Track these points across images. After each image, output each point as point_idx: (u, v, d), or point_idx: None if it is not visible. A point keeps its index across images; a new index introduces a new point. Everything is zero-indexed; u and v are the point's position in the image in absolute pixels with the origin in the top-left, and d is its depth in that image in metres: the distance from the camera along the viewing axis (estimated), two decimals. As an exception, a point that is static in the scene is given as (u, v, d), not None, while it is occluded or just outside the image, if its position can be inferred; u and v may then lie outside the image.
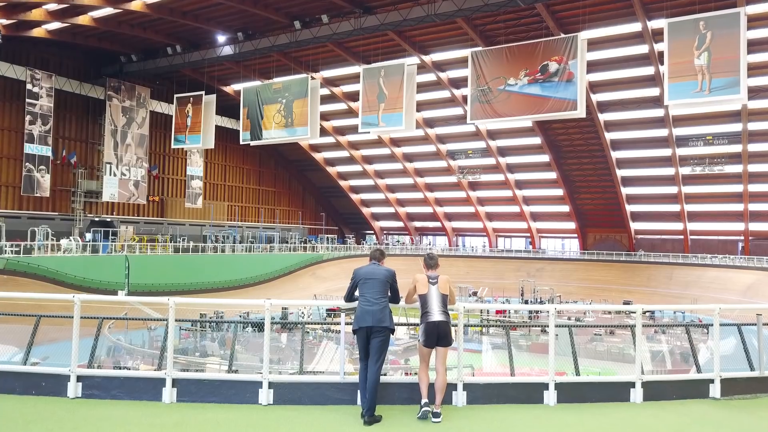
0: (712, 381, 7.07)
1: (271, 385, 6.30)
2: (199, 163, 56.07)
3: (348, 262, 58.87)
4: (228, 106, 53.98)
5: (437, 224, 71.89)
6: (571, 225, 64.64)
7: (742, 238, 56.81)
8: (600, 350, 30.03)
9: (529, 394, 6.64)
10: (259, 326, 33.73)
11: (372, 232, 77.23)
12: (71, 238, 39.91)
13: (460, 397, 6.48)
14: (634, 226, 62.23)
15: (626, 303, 48.77)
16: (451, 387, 6.50)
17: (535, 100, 28.77)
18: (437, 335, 6.37)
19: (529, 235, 67.99)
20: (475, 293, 52.95)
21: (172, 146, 43.58)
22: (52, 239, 38.95)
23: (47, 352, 26.19)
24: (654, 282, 55.34)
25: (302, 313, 38.42)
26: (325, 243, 63.42)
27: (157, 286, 40.65)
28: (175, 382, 6.23)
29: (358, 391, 6.32)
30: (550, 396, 6.58)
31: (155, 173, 53.80)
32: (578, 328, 7.91)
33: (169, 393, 6.20)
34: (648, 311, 47.56)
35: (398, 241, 74.98)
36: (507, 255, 65.68)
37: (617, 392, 6.66)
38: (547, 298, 48.55)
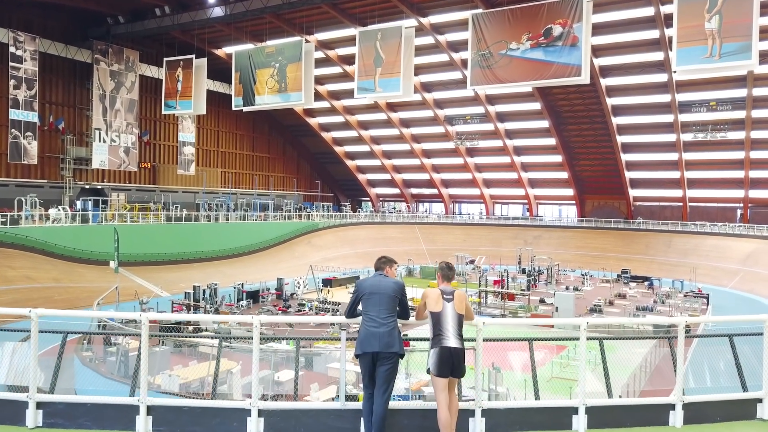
0: (760, 400, 6.26)
1: (261, 413, 5.43)
2: (191, 128, 54.70)
3: (344, 230, 58.21)
4: (220, 70, 52.40)
5: (434, 191, 71.05)
6: (569, 192, 63.91)
7: (742, 205, 56.27)
8: (599, 324, 29.53)
9: (557, 419, 5.78)
10: (254, 297, 33.15)
11: (368, 198, 76.36)
12: (59, 207, 38.96)
13: (478, 425, 5.61)
14: (633, 193, 61.56)
15: (624, 271, 48.54)
16: (468, 413, 5.66)
17: (537, 66, 27.60)
18: (451, 365, 5.47)
19: (526, 201, 67.28)
20: (472, 261, 52.50)
21: (163, 112, 42.21)
22: (40, 209, 38.00)
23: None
24: (652, 250, 54.94)
25: (298, 283, 37.86)
26: (321, 211, 62.61)
27: (150, 257, 39.95)
28: (151, 410, 5.37)
29: (362, 419, 5.51)
30: (580, 421, 5.72)
31: (146, 139, 52.50)
32: (609, 338, 6.40)
33: (143, 422, 5.32)
34: (643, 278, 47.26)
35: (394, 208, 74.24)
36: (504, 222, 65.06)
37: (655, 415, 5.84)
38: (545, 267, 48.09)
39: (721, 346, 6.69)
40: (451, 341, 5.45)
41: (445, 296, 5.63)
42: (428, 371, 5.56)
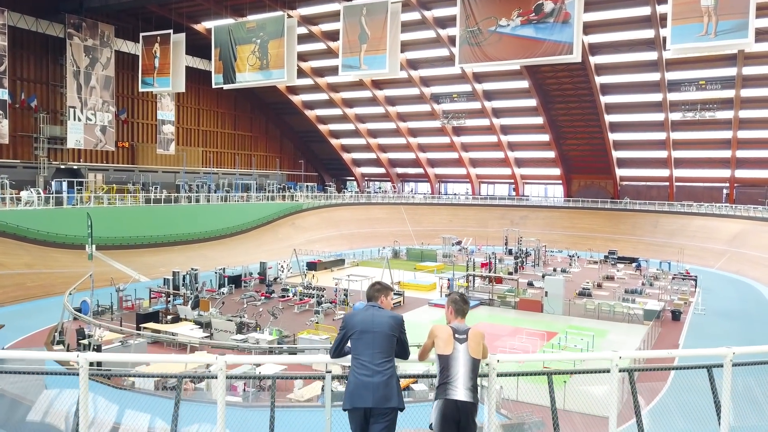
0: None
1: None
2: (171, 106, 53.04)
3: (328, 211, 57.21)
4: (199, 46, 50.69)
5: (420, 170, 70.10)
6: (556, 171, 63.37)
7: (728, 185, 56.09)
8: (590, 308, 29.11)
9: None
10: (236, 282, 32.18)
11: (353, 178, 75.26)
12: (31, 189, 37.48)
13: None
14: (620, 172, 61.15)
15: (611, 252, 48.23)
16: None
17: (528, 43, 26.63)
18: (458, 422, 4.42)
19: (512, 181, 66.69)
20: (459, 242, 51.92)
21: (140, 89, 40.63)
22: (12, 192, 36.54)
23: (4, 318, 24.22)
24: (639, 230, 54.72)
25: (281, 267, 36.96)
26: (305, 191, 61.52)
27: (128, 240, 38.75)
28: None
29: None
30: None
31: (123, 118, 50.81)
32: (642, 370, 4.86)
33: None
34: (630, 260, 46.97)
35: (380, 188, 73.28)
36: (491, 202, 64.49)
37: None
38: (532, 248, 47.60)
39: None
40: (460, 393, 4.41)
41: (457, 336, 4.57)
42: (430, 427, 4.56)
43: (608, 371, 4.74)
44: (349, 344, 4.69)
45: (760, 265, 41.71)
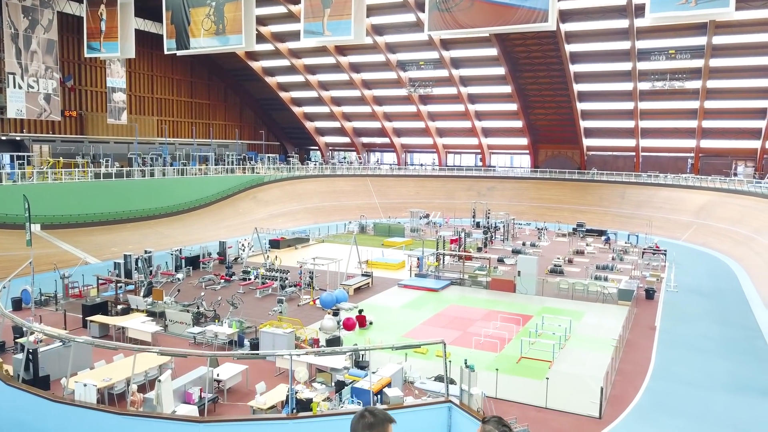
0: None
1: None
2: (121, 73, 49.77)
3: (291, 183, 55.20)
4: (150, 8, 47.18)
5: (386, 140, 68.32)
6: (524, 141, 62.47)
7: (693, 155, 56.05)
8: (563, 287, 28.29)
9: None
10: (194, 264, 30.33)
11: (317, 147, 73.05)
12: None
13: None
14: (587, 142, 60.60)
15: (580, 225, 47.74)
16: None
17: (501, 10, 24.83)
18: None
19: (479, 151, 65.59)
20: (427, 216, 50.76)
21: (85, 55, 37.60)
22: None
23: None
24: (606, 201, 54.41)
25: (242, 245, 35.16)
26: (267, 163, 59.25)
27: (77, 218, 36.31)
28: None
29: None
30: None
31: (70, 85, 47.52)
32: None
33: None
34: (599, 232, 46.55)
35: (344, 158, 71.37)
36: (458, 174, 63.34)
37: None
38: (501, 221, 46.71)
39: None
40: None
41: None
42: None
43: None
44: None
45: (726, 237, 41.73)
